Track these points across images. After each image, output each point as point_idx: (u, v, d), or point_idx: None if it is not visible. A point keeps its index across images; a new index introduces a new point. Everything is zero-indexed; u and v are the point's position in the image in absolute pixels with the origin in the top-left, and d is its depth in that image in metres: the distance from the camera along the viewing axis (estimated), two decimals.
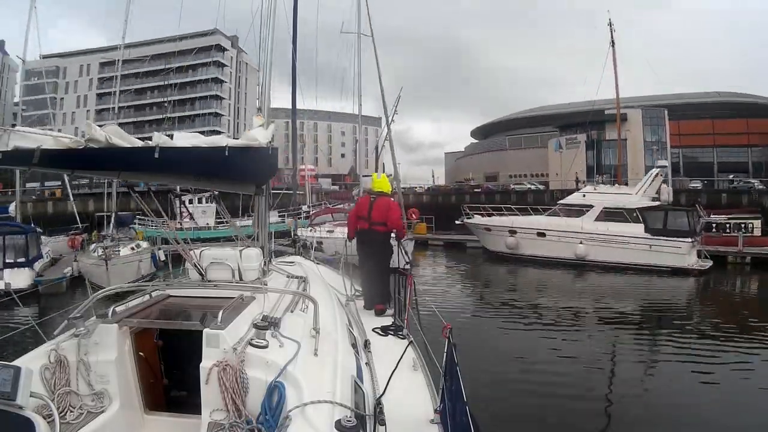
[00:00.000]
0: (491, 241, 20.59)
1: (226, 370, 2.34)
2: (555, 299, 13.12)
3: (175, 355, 3.13)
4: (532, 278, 16.71)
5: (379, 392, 2.70)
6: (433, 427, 2.63)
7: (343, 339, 3.21)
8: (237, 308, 2.91)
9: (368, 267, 5.31)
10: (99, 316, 2.87)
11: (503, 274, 17.56)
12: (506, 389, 6.22)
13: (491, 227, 20.43)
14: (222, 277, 3.63)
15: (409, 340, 4.01)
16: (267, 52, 5.59)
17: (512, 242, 19.23)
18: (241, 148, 3.70)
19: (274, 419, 2.13)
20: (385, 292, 5.22)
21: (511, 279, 16.87)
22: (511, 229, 19.43)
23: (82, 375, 2.62)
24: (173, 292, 3.44)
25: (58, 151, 2.74)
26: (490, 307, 12.26)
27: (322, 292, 4.19)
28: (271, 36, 5.65)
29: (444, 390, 2.71)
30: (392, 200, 5.45)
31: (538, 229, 18.96)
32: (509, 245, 19.26)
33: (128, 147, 3.02)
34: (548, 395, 6.00)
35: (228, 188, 4.42)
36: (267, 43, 5.61)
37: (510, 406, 5.70)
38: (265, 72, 5.61)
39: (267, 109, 5.17)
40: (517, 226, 19.37)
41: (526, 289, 15.18)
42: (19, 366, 2.15)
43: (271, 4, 5.63)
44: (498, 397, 5.81)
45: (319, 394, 2.19)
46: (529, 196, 37.82)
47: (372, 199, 5.33)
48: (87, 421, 2.47)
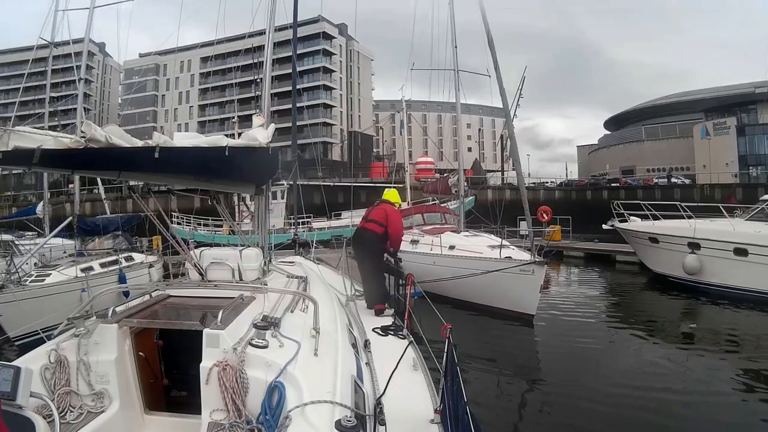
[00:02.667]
0: (657, 258, 13.24)
1: (226, 370, 2.34)
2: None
3: (175, 355, 3.13)
4: (733, 329, 8.61)
5: (379, 392, 2.70)
6: (433, 427, 2.63)
7: (343, 339, 3.21)
8: (237, 308, 2.91)
9: (363, 266, 5.44)
10: (99, 316, 2.87)
11: (678, 317, 10.13)
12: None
13: (659, 237, 12.94)
14: (222, 277, 3.63)
15: (409, 340, 4.01)
16: (267, 52, 5.60)
17: (693, 263, 11.72)
18: (241, 148, 3.70)
19: (274, 419, 2.12)
20: (382, 291, 5.27)
21: (694, 325, 9.33)
22: (692, 241, 11.88)
23: (82, 375, 2.62)
24: (173, 292, 3.44)
25: (58, 151, 2.74)
26: (661, 384, 5.97)
27: (322, 292, 4.19)
28: (270, 36, 5.66)
29: (444, 390, 2.71)
30: (396, 209, 5.69)
31: (736, 244, 11.36)
32: (688, 267, 11.75)
33: (128, 147, 3.03)
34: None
35: (228, 188, 4.42)
36: (267, 44, 5.62)
37: None
38: (266, 72, 5.61)
39: (267, 109, 5.17)
40: (701, 238, 11.72)
41: (723, 355, 7.42)
42: (19, 366, 2.15)
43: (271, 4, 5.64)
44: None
45: (319, 394, 2.19)
46: (675, 192, 31.94)
47: (377, 203, 5.68)
48: (87, 421, 2.47)
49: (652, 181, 40.86)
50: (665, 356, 7.10)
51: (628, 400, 5.43)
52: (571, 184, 45.51)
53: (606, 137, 71.48)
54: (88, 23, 11.68)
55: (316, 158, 43.98)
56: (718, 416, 5.18)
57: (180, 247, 3.86)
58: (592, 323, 9.11)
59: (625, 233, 14.39)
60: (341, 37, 62.21)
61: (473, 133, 73.15)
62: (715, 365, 6.81)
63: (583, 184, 44.30)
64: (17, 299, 7.75)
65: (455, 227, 13.10)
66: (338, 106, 61.00)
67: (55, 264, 9.90)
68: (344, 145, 60.04)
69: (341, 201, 27.84)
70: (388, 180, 22.18)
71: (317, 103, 58.00)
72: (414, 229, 13.09)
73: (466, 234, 12.27)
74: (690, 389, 5.89)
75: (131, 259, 11.49)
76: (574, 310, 10.07)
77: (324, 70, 59.18)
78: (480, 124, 75.89)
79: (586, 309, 10.20)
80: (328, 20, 59.23)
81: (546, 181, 46.74)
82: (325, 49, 59.20)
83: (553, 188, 40.50)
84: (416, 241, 11.89)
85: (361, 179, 41.85)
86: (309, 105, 57.93)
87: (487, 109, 72.15)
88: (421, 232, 12.60)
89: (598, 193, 35.58)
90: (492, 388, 6.03)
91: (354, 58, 64.82)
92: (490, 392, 5.87)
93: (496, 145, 53.98)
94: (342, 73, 62.76)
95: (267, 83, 5.53)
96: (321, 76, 58.80)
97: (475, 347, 7.56)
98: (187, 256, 3.75)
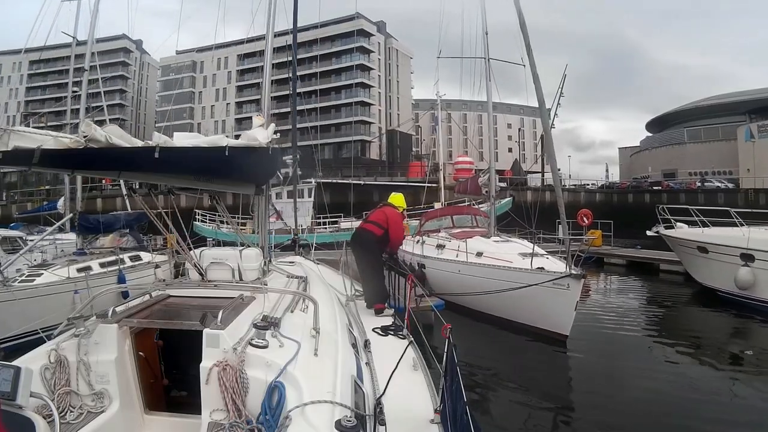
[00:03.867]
0: (705, 270, 11.95)
1: (226, 370, 2.34)
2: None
3: (175, 355, 3.13)
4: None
5: (379, 392, 2.70)
6: (433, 427, 2.63)
7: (343, 339, 3.21)
8: (237, 308, 2.91)
9: (361, 266, 5.47)
10: (99, 316, 2.87)
11: (728, 337, 9.04)
12: None
13: (709, 246, 11.63)
14: (222, 277, 3.63)
15: (409, 340, 4.01)
16: (267, 52, 5.60)
17: (746, 276, 10.40)
18: (241, 148, 3.71)
19: (274, 419, 2.12)
20: (381, 290, 5.28)
21: (750, 352, 7.69)
22: (745, 252, 10.61)
23: (82, 375, 2.62)
24: (173, 292, 3.45)
25: (58, 151, 2.74)
26: (710, 414, 5.35)
27: (322, 292, 4.19)
28: (270, 36, 5.67)
29: (444, 390, 2.72)
30: (398, 212, 5.65)
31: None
32: (741, 281, 10.43)
33: (128, 147, 3.03)
34: None
35: (228, 188, 4.42)
36: (266, 44, 5.62)
37: None
38: (266, 71, 5.61)
39: (267, 109, 5.17)
40: (756, 249, 10.38)
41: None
42: (19, 366, 2.15)
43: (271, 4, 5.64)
44: None
45: (319, 394, 2.19)
46: (719, 197, 31.50)
47: (380, 206, 5.73)
48: (87, 421, 2.47)
49: (695, 184, 39.28)
50: (713, 381, 6.37)
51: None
52: (613, 186, 44.24)
53: (648, 139, 69.46)
54: (92, 18, 11.62)
55: (351, 157, 43.13)
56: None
57: (180, 247, 3.86)
58: (632, 340, 8.28)
59: (671, 241, 13.03)
60: (379, 34, 61.65)
61: (514, 133, 71.15)
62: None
63: (625, 186, 42.87)
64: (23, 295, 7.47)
65: (485, 231, 11.93)
66: (376, 104, 60.25)
67: (49, 263, 9.39)
68: (382, 143, 59.29)
69: (376, 200, 27.74)
70: (424, 180, 21.22)
71: (355, 101, 57.45)
72: (442, 232, 12.14)
73: (497, 239, 10.97)
74: (742, 421, 5.12)
75: (138, 258, 11.03)
76: (613, 323, 9.23)
77: (362, 68, 58.45)
78: (521, 124, 73.59)
79: (626, 323, 9.31)
80: (365, 17, 58.79)
81: (587, 183, 44.64)
82: (363, 46, 58.58)
83: (593, 190, 39.30)
84: (442, 246, 10.88)
85: (398, 178, 40.92)
86: (346, 103, 57.68)
87: (528, 110, 70.79)
88: (448, 235, 11.57)
89: (640, 196, 34.70)
90: (512, 414, 5.42)
91: (392, 55, 64.19)
92: (510, 418, 5.31)
93: (536, 146, 52.37)
94: (380, 71, 61.91)
95: (267, 83, 5.53)
96: (358, 73, 58.06)
97: (498, 366, 7.00)
98: (187, 255, 3.75)
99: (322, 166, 48.84)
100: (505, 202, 21.65)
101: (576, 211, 17.64)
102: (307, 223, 20.32)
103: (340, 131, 57.73)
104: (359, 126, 57.18)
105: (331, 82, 58.19)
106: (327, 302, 3.86)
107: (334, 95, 58.31)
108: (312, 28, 42.47)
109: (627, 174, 64.34)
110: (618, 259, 16.87)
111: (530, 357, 7.53)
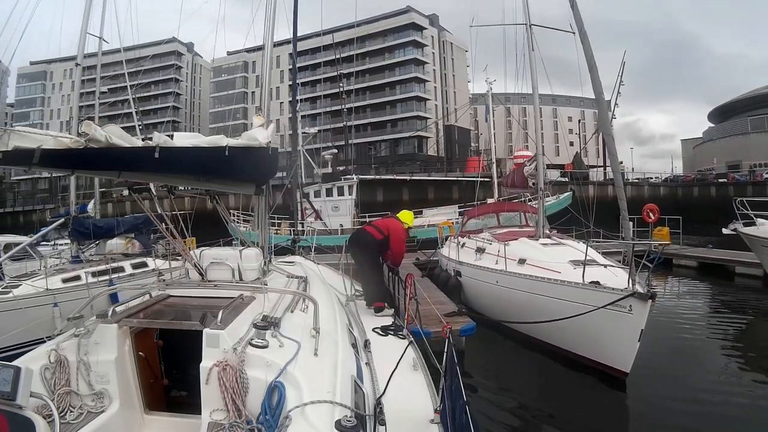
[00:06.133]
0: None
1: (226, 370, 2.34)
2: None
3: (175, 355, 3.13)
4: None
5: (379, 392, 2.70)
6: (433, 427, 2.63)
7: (343, 339, 3.22)
8: (237, 308, 2.91)
9: (360, 265, 5.49)
10: (99, 316, 2.87)
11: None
12: None
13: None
14: (222, 277, 3.63)
15: (409, 340, 4.01)
16: (267, 51, 5.60)
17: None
18: (241, 148, 3.70)
19: (274, 419, 2.13)
20: (380, 289, 5.28)
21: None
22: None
23: (82, 375, 2.62)
24: (173, 292, 3.44)
25: (58, 151, 2.74)
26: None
27: (322, 292, 4.19)
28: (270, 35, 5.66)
29: (444, 390, 2.72)
30: (403, 227, 5.61)
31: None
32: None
33: (128, 147, 3.03)
34: None
35: (228, 188, 4.42)
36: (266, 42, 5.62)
37: None
38: (265, 71, 5.61)
39: (267, 109, 5.17)
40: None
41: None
42: (19, 366, 2.15)
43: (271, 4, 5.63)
44: None
45: (319, 394, 2.20)
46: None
47: (387, 216, 6.00)
48: (87, 421, 2.47)
49: (761, 176, 36.60)
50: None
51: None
52: (677, 179, 42.02)
53: (710, 130, 66.36)
54: (101, 17, 11.56)
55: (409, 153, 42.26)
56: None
57: (180, 247, 3.86)
58: (705, 356, 6.98)
59: (751, 240, 11.14)
60: (432, 27, 60.32)
61: (574, 126, 66.42)
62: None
63: (690, 179, 40.79)
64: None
65: (533, 231, 9.84)
66: (432, 99, 58.85)
67: (31, 273, 8.57)
68: (439, 139, 58.00)
69: (431, 197, 25.94)
70: (484, 174, 18.44)
71: (410, 95, 56.18)
72: (484, 232, 10.47)
73: (546, 241, 8.86)
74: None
75: (144, 265, 10.00)
76: (683, 336, 7.80)
77: (415, 62, 57.04)
78: (581, 116, 68.67)
79: (699, 335, 7.98)
80: (417, 11, 57.82)
81: (650, 176, 42.22)
82: (416, 40, 57.22)
83: (657, 184, 37.52)
84: (482, 250, 9.27)
85: (453, 174, 38.22)
86: (401, 99, 56.52)
87: (588, 102, 66.52)
88: (491, 237, 9.83)
89: (706, 189, 32.74)
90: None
91: (447, 49, 62.69)
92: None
93: (597, 138, 47.95)
94: (435, 65, 60.29)
95: (266, 84, 5.52)
96: (412, 68, 56.77)
97: (541, 404, 5.66)
98: (187, 256, 3.75)
99: (378, 162, 48.06)
100: (564, 197, 19.94)
101: (640, 206, 15.78)
102: (348, 223, 18.75)
103: (396, 127, 56.38)
104: (415, 122, 55.45)
105: (384, 77, 56.99)
106: (327, 302, 3.86)
107: (389, 91, 57.07)
108: (363, 23, 41.61)
109: (690, 167, 62.63)
110: (689, 261, 14.70)
111: (573, 395, 5.84)
